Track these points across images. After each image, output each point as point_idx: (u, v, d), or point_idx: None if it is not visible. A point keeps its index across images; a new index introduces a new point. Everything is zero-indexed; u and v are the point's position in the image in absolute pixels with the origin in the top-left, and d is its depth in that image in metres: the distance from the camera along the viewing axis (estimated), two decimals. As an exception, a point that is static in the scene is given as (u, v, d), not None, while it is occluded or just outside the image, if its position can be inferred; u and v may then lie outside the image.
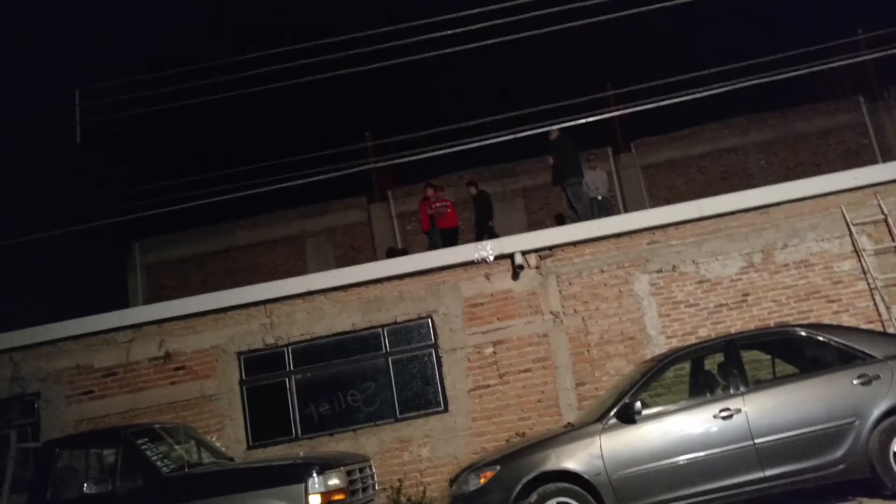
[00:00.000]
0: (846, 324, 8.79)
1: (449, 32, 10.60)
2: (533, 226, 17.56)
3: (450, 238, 12.63)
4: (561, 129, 11.72)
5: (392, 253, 17.83)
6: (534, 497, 6.25)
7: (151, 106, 11.42)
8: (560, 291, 9.39)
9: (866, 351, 6.50)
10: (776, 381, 6.89)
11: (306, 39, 11.01)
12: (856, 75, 18.44)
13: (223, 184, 11.46)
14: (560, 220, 17.09)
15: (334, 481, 6.46)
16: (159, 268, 19.41)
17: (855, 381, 6.31)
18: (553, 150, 12.09)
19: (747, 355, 7.05)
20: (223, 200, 11.31)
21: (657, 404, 6.79)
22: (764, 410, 6.30)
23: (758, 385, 6.62)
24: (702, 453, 6.22)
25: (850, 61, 12.37)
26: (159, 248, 19.50)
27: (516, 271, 9.41)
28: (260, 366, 9.58)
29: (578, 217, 11.49)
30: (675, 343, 8.97)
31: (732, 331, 8.82)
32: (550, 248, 9.54)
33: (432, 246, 12.36)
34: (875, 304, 9.04)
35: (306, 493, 6.27)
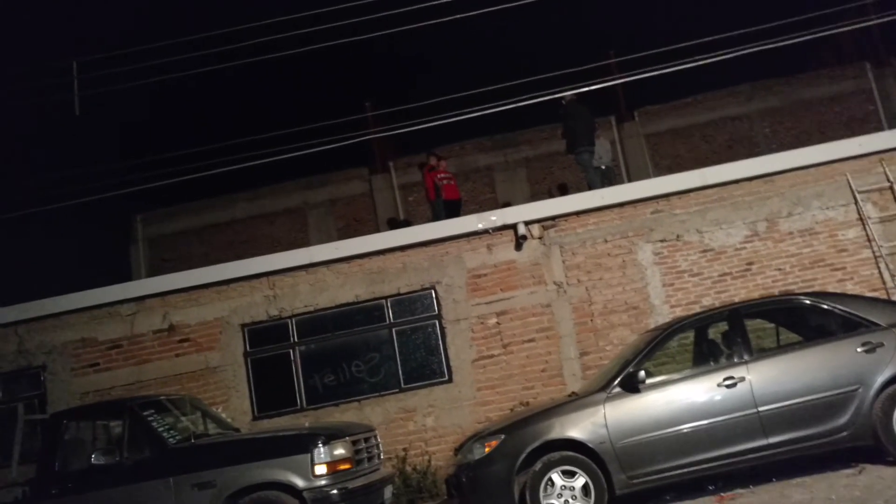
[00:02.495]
0: (851, 292, 8.77)
1: (449, -1, 10.43)
2: (536, 196, 17.48)
3: (453, 210, 12.55)
4: (576, 95, 11.41)
5: (393, 223, 17.78)
6: (538, 465, 6.29)
7: (151, 77, 11.32)
8: (563, 261, 9.36)
9: (870, 319, 6.50)
10: (780, 349, 6.91)
11: (305, 8, 10.86)
12: (862, 41, 18.21)
13: (224, 155, 11.38)
14: (563, 191, 17.02)
15: (340, 451, 6.51)
16: (161, 240, 19.40)
17: (859, 349, 6.31)
18: (564, 116, 11.73)
19: (751, 324, 7.05)
20: (224, 172, 11.24)
21: (661, 373, 6.80)
22: (768, 379, 6.31)
23: (762, 353, 6.63)
24: (706, 421, 6.24)
25: (857, 27, 12.18)
26: (161, 220, 19.46)
27: (519, 242, 9.38)
28: (264, 337, 9.60)
29: (590, 187, 11.32)
30: (678, 312, 8.96)
31: (736, 300, 8.80)
32: (553, 218, 9.49)
33: (436, 216, 12.27)
34: (880, 271, 9.01)
35: (312, 463, 6.32)
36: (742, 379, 6.31)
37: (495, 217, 9.51)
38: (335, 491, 6.30)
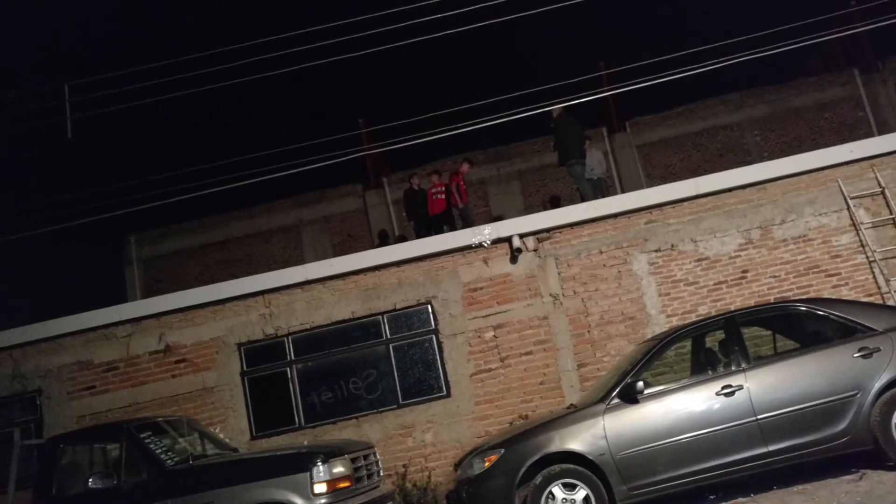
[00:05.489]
0: (846, 297, 8.79)
1: (439, 16, 10.50)
2: (529, 208, 17.55)
3: (446, 221, 12.61)
4: (565, 107, 11.50)
5: (384, 236, 17.83)
6: (538, 479, 6.27)
7: (142, 98, 11.34)
8: (559, 273, 9.37)
9: (866, 324, 6.52)
10: (777, 356, 6.91)
11: (296, 27, 10.92)
12: (850, 48, 18.39)
13: (217, 175, 11.39)
14: (556, 203, 17.08)
15: (339, 469, 6.47)
16: (156, 261, 19.40)
17: (856, 355, 6.32)
18: (554, 128, 11.84)
19: (748, 332, 7.07)
20: (218, 192, 11.25)
21: (659, 383, 6.79)
22: (766, 386, 6.31)
23: (759, 361, 6.63)
24: (705, 431, 6.24)
25: (844, 34, 12.29)
26: (155, 241, 19.47)
27: (514, 255, 9.38)
28: (260, 356, 9.56)
29: (583, 198, 11.39)
30: (675, 322, 8.96)
31: (732, 308, 8.81)
32: (548, 230, 9.50)
33: (466, 220, 12.42)
34: (874, 276, 9.03)
35: (311, 482, 6.28)
36: (740, 387, 6.31)
37: (490, 230, 9.51)
38: (335, 509, 6.26)
